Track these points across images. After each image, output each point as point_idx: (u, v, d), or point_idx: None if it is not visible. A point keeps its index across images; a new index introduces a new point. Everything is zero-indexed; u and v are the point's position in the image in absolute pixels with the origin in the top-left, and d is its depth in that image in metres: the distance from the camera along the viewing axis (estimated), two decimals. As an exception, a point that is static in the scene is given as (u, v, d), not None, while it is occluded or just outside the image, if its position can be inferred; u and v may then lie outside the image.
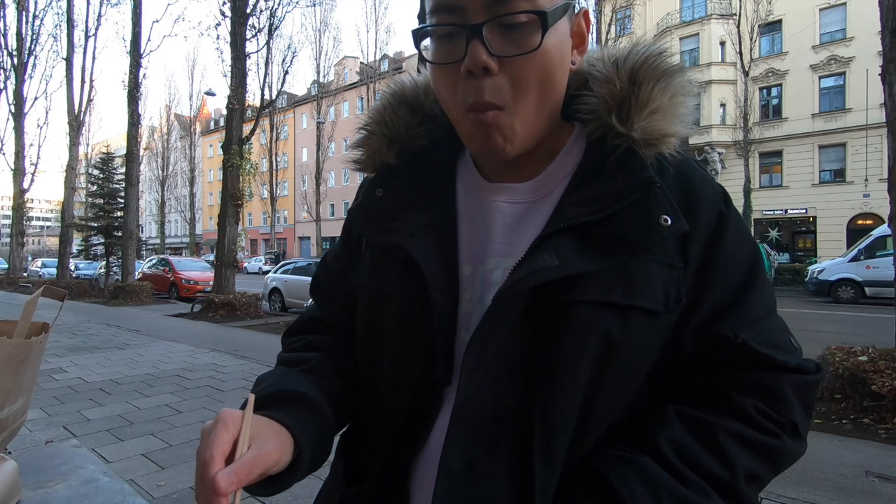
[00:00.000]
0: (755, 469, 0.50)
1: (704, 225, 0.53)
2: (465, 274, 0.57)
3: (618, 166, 0.53)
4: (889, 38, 4.24)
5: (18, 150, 19.48)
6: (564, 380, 0.50)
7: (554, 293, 0.50)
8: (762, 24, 21.19)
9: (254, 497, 2.54)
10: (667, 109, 0.53)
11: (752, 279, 0.54)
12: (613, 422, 0.52)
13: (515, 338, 0.51)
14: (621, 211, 0.51)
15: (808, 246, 22.79)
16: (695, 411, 0.52)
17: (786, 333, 0.55)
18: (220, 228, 11.27)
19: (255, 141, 13.60)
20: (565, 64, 0.53)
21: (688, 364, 0.54)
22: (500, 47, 0.49)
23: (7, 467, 0.86)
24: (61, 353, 6.33)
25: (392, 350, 0.58)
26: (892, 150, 4.33)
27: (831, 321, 9.89)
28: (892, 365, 3.84)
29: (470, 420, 0.51)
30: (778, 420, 0.52)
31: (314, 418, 0.54)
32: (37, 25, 19.09)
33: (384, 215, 0.60)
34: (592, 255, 0.50)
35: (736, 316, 0.53)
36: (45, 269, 25.01)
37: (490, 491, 0.50)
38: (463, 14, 0.49)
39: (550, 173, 0.58)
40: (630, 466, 0.49)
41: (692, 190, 0.54)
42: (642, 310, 0.50)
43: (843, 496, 2.59)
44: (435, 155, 0.64)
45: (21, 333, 0.79)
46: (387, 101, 0.65)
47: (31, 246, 59.82)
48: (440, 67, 0.52)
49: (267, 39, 11.97)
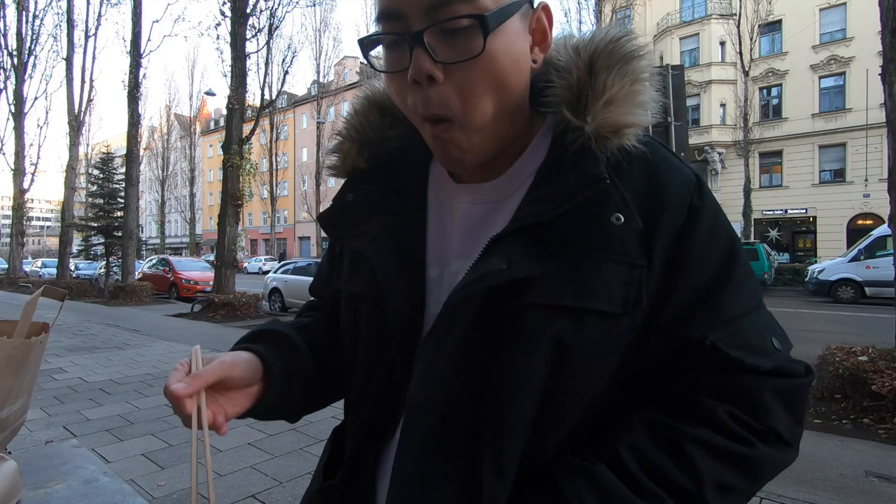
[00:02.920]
0: (727, 479, 0.47)
1: (672, 219, 0.49)
2: (433, 276, 0.57)
3: (572, 163, 0.50)
4: (889, 38, 4.24)
5: (18, 150, 19.48)
6: (514, 386, 0.48)
7: (505, 297, 0.48)
8: (762, 24, 21.19)
9: (254, 498, 2.55)
10: (625, 98, 0.50)
11: (725, 275, 0.50)
12: (577, 427, 0.50)
13: (468, 343, 0.50)
14: (571, 210, 0.49)
15: (808, 246, 22.79)
16: (661, 417, 0.49)
17: (766, 333, 0.51)
18: (220, 228, 11.27)
19: (255, 141, 13.60)
20: (520, 65, 0.50)
21: (658, 368, 0.51)
22: (444, 54, 0.47)
23: (7, 467, 0.86)
24: (61, 353, 6.33)
25: (364, 350, 0.60)
26: (892, 150, 4.33)
27: (831, 321, 9.88)
28: (892, 365, 3.84)
29: (422, 424, 0.51)
30: (753, 427, 0.48)
31: (288, 352, 0.60)
32: (37, 25, 19.12)
33: (352, 220, 0.60)
34: (542, 258, 0.48)
35: (706, 316, 0.49)
36: (45, 269, 25.00)
37: (442, 497, 0.50)
38: (405, 21, 0.47)
39: (515, 172, 0.56)
40: (585, 476, 0.46)
41: (658, 183, 0.50)
42: (597, 312, 0.47)
43: (843, 496, 2.59)
44: (408, 157, 0.63)
45: (21, 333, 0.79)
46: (358, 106, 0.66)
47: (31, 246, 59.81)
48: (390, 76, 0.51)
49: (267, 39, 11.97)
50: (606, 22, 22.85)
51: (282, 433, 3.43)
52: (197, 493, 0.48)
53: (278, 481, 2.72)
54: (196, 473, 0.49)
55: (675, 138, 5.25)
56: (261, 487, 2.65)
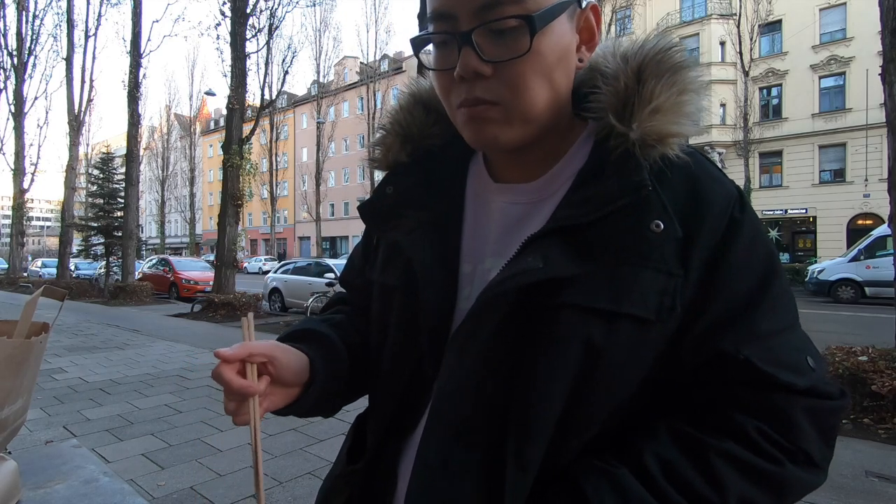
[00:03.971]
0: (752, 497, 0.47)
1: (710, 231, 0.49)
2: (466, 272, 0.58)
3: (614, 168, 0.51)
4: (889, 38, 4.24)
5: (18, 150, 19.48)
6: (542, 384, 0.49)
7: (539, 296, 0.49)
8: (762, 24, 21.20)
9: (254, 498, 2.55)
10: (671, 108, 0.50)
11: (762, 290, 0.50)
12: (603, 431, 0.50)
13: (499, 339, 0.51)
14: (612, 214, 0.49)
15: (808, 246, 22.79)
16: (689, 428, 0.49)
17: (800, 353, 0.51)
18: (220, 228, 11.27)
19: (255, 141, 13.60)
20: (566, 63, 0.52)
21: (689, 379, 0.51)
22: (492, 52, 0.49)
23: (7, 467, 0.86)
24: (61, 353, 6.33)
25: (392, 341, 0.61)
26: (892, 150, 4.32)
27: (831, 321, 9.88)
28: (892, 365, 3.83)
29: (448, 416, 0.52)
30: (783, 445, 0.48)
31: (329, 353, 0.62)
32: (37, 25, 19.13)
33: (391, 212, 0.62)
34: (579, 259, 0.49)
35: (740, 330, 0.49)
36: (45, 269, 25.00)
37: (463, 488, 0.51)
38: (455, 22, 0.49)
39: (555, 174, 0.57)
40: (607, 478, 0.47)
41: (700, 194, 0.50)
42: (631, 317, 0.48)
43: (843, 496, 2.59)
44: (449, 154, 0.64)
45: (21, 333, 0.79)
46: (403, 101, 0.67)
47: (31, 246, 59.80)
48: (437, 73, 0.53)
49: (267, 39, 11.98)
50: (606, 22, 22.86)
51: (282, 433, 3.43)
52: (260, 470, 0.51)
53: (278, 481, 2.72)
54: (257, 443, 0.51)
55: (675, 138, 5.23)
56: (261, 487, 2.65)
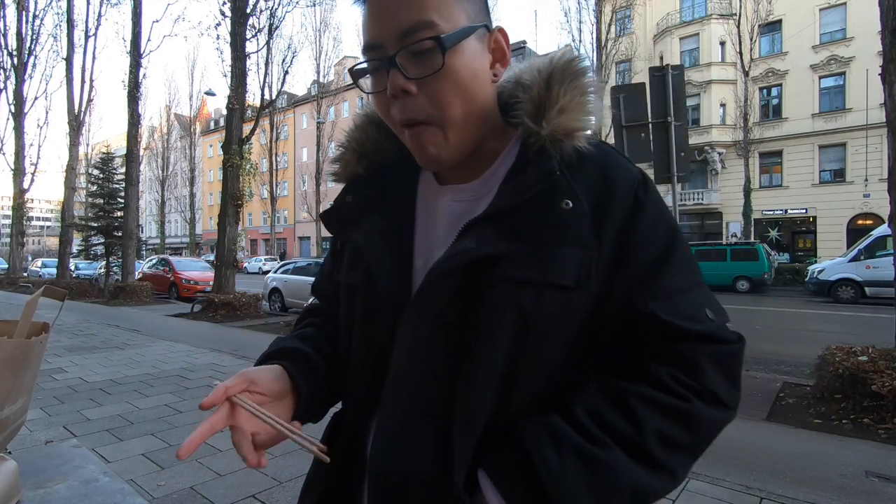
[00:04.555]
0: (668, 432, 0.54)
1: (618, 209, 0.58)
2: (419, 266, 0.66)
3: (533, 162, 0.60)
4: (889, 38, 4.24)
5: (18, 150, 19.48)
6: (485, 350, 0.56)
7: (477, 273, 0.57)
8: (762, 24, 21.21)
9: (254, 498, 2.55)
10: (576, 107, 0.60)
11: (666, 257, 0.59)
12: (541, 390, 0.58)
13: (445, 312, 0.59)
14: (532, 199, 0.58)
15: (808, 246, 22.79)
16: (612, 380, 0.57)
17: (701, 307, 0.59)
18: (220, 228, 11.27)
19: (255, 141, 13.59)
20: (481, 78, 0.60)
21: (611, 338, 0.59)
22: (414, 71, 0.57)
23: (7, 467, 0.86)
24: (61, 353, 6.33)
25: (358, 337, 0.68)
26: (892, 150, 4.33)
27: (831, 321, 9.89)
28: (892, 365, 3.83)
29: (404, 386, 0.60)
30: (691, 386, 0.55)
31: (303, 360, 0.68)
32: (37, 25, 19.11)
33: (351, 218, 0.70)
34: (508, 239, 0.57)
35: (648, 288, 0.57)
36: (45, 269, 25.00)
37: (418, 447, 0.58)
38: (383, 49, 0.58)
39: (491, 174, 0.65)
40: (543, 428, 0.54)
41: (607, 179, 0.60)
42: (555, 286, 0.56)
43: (843, 496, 2.59)
44: (401, 167, 0.72)
45: (21, 333, 0.79)
46: (358, 121, 0.76)
47: (31, 246, 59.81)
48: (375, 96, 0.61)
49: (267, 39, 11.97)
50: (606, 22, 22.88)
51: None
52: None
53: (278, 481, 2.72)
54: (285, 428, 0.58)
55: (675, 138, 5.21)
56: (261, 487, 2.65)
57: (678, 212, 5.66)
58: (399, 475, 0.58)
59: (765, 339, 7.95)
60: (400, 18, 0.56)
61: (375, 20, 0.58)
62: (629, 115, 5.33)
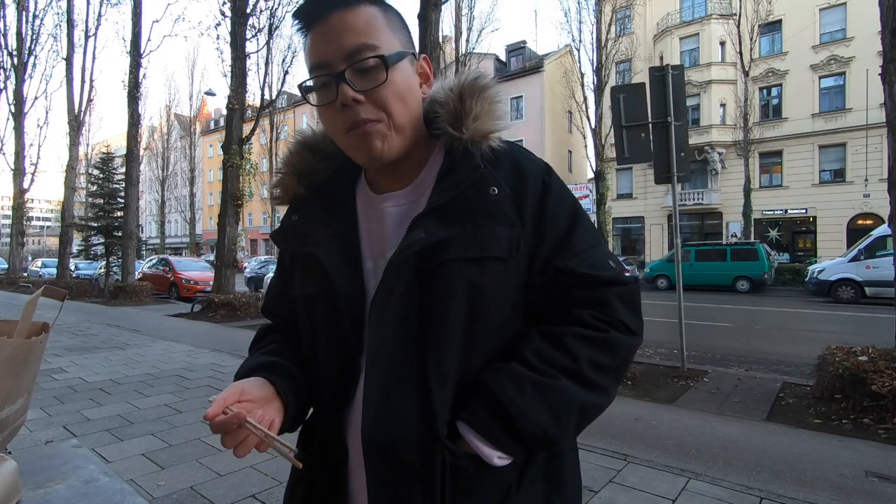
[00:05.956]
0: (596, 358, 0.69)
1: (532, 192, 0.72)
2: (368, 268, 0.75)
3: (459, 162, 0.72)
4: (889, 38, 4.24)
5: (18, 150, 19.47)
6: (444, 319, 0.67)
7: (428, 258, 0.68)
8: (762, 24, 21.19)
9: (254, 498, 2.55)
10: (486, 114, 0.72)
11: (573, 225, 0.73)
12: (495, 346, 0.70)
13: (407, 298, 0.69)
14: (464, 191, 0.70)
15: (808, 246, 22.78)
16: (548, 326, 0.71)
17: (606, 258, 0.74)
18: (220, 228, 11.27)
19: (255, 141, 13.59)
20: (414, 91, 0.72)
21: (542, 296, 0.72)
22: (361, 84, 0.67)
23: (7, 467, 0.86)
24: (61, 353, 6.33)
25: (322, 339, 0.76)
26: (892, 150, 4.32)
27: (831, 321, 9.89)
28: (892, 365, 3.83)
29: (382, 364, 0.69)
30: (606, 320, 0.71)
31: (282, 370, 0.75)
32: (37, 25, 19.10)
33: (300, 234, 0.79)
34: (450, 227, 0.68)
35: (564, 251, 0.71)
36: (45, 269, 24.99)
37: (403, 412, 0.67)
38: (330, 67, 0.68)
39: (422, 179, 0.76)
40: (502, 371, 0.68)
41: (521, 169, 0.73)
42: (494, 258, 0.68)
43: (843, 496, 2.59)
44: (337, 182, 0.82)
45: (21, 333, 0.79)
46: (293, 148, 0.85)
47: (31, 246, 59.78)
48: (323, 108, 0.70)
49: (267, 39, 11.98)
50: (606, 22, 22.87)
51: (281, 434, 3.43)
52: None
53: (278, 481, 2.72)
54: (276, 440, 0.66)
55: (675, 138, 5.20)
56: (261, 487, 2.65)
57: (678, 212, 5.65)
58: (390, 438, 0.67)
59: (765, 339, 7.95)
60: (345, 42, 0.67)
61: (322, 44, 0.68)
62: (629, 115, 5.32)
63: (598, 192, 23.42)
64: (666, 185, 5.54)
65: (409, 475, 0.66)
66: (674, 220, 5.56)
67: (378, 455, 0.67)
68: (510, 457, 0.66)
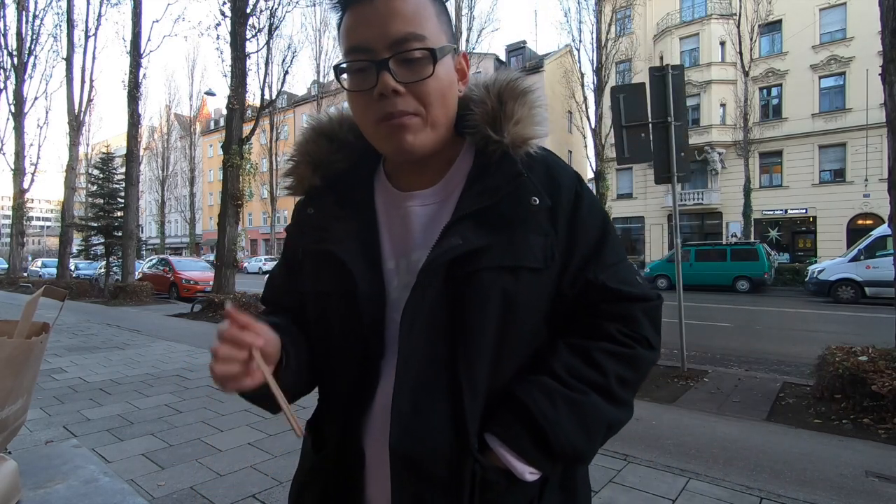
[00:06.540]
0: (622, 373, 0.68)
1: (566, 202, 0.70)
2: (389, 267, 0.72)
3: (497, 166, 0.70)
4: (889, 38, 4.24)
5: (18, 150, 19.47)
6: (477, 329, 0.65)
7: (462, 265, 0.65)
8: (762, 24, 21.18)
9: (254, 498, 2.55)
10: (527, 119, 0.70)
11: (604, 238, 0.72)
12: (525, 356, 0.69)
13: (438, 305, 0.66)
14: (503, 198, 0.68)
15: (808, 246, 22.78)
16: (576, 340, 0.70)
17: (633, 273, 0.74)
18: (220, 228, 11.26)
19: (255, 141, 13.59)
20: (454, 88, 0.70)
21: (570, 308, 0.71)
22: (404, 76, 0.64)
23: (7, 467, 0.86)
24: (61, 353, 6.33)
25: (337, 338, 0.72)
26: (892, 150, 4.32)
27: (831, 321, 9.88)
28: (892, 365, 3.83)
29: (411, 372, 0.66)
30: (633, 336, 0.70)
31: (296, 339, 0.74)
32: (37, 25, 19.10)
33: (316, 228, 0.75)
34: (487, 233, 0.66)
35: (595, 263, 0.70)
36: (45, 269, 24.98)
37: (433, 423, 0.65)
38: (372, 53, 0.64)
39: (449, 179, 0.73)
40: (533, 384, 0.66)
41: (555, 178, 0.71)
42: (528, 268, 0.66)
43: (843, 496, 2.59)
44: (354, 174, 0.78)
45: (21, 333, 0.79)
46: (308, 135, 0.80)
47: (31, 246, 59.78)
48: (356, 94, 0.67)
49: (267, 39, 11.95)
50: (606, 22, 22.86)
51: (282, 433, 3.43)
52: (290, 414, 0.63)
53: (278, 481, 2.72)
54: (276, 389, 0.62)
55: (675, 138, 5.20)
56: (261, 487, 2.65)
57: (678, 212, 5.65)
58: (419, 451, 0.64)
59: (765, 339, 7.95)
60: (392, 28, 0.63)
61: (364, 26, 0.64)
62: (629, 115, 5.32)
63: (598, 192, 23.40)
64: (666, 185, 5.54)
65: (436, 487, 0.65)
66: (674, 220, 5.56)
67: (405, 466, 0.65)
68: (540, 472, 0.65)
